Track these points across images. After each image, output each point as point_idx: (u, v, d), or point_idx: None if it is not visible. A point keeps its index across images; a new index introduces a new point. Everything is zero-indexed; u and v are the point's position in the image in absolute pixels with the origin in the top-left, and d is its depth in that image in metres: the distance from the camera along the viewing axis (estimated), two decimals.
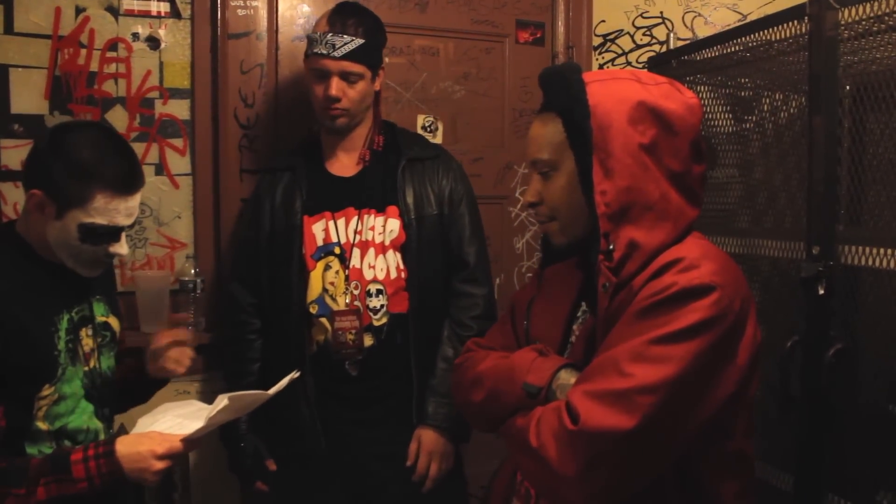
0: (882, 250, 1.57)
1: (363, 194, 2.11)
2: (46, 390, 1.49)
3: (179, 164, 2.46)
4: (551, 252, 1.40)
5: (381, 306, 2.07)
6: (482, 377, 1.34)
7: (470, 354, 1.45)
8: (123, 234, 1.58)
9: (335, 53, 2.02)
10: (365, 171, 2.15)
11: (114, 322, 1.71)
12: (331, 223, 2.11)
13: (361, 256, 2.08)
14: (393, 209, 2.10)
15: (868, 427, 1.62)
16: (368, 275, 2.07)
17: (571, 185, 1.24)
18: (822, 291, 1.64)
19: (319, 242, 2.10)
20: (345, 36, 2.02)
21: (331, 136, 2.17)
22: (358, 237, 2.08)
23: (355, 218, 2.10)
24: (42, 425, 1.50)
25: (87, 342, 1.60)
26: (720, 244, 2.03)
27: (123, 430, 1.73)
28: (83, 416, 1.57)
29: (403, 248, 2.08)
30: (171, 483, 2.19)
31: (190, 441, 1.53)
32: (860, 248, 1.62)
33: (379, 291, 2.07)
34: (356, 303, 2.05)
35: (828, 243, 1.65)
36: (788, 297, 1.80)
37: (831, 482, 1.66)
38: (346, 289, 2.06)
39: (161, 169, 2.43)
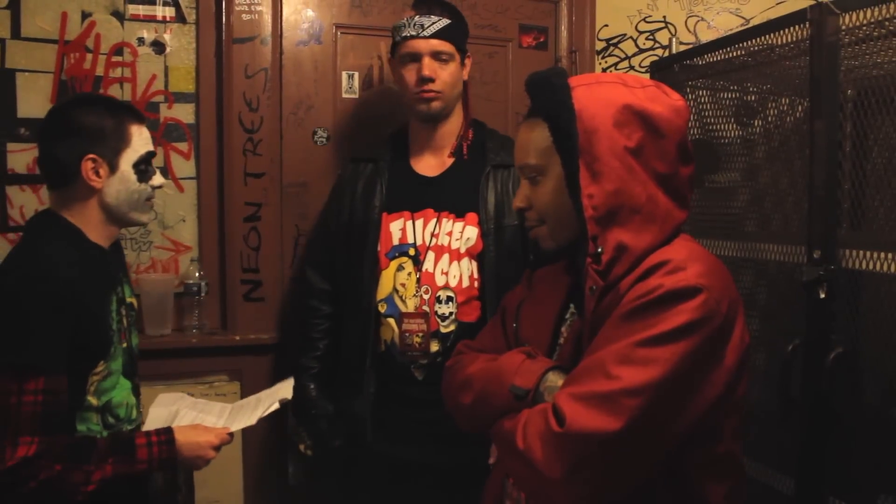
0: (883, 254, 1.57)
1: (443, 197, 2.10)
2: (100, 367, 1.59)
3: (184, 167, 2.47)
4: (541, 255, 1.41)
5: (450, 314, 2.04)
6: (471, 380, 1.34)
7: (460, 357, 1.45)
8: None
9: (425, 33, 2.05)
10: (449, 172, 2.13)
11: (135, 302, 1.83)
12: (409, 223, 2.10)
13: (435, 261, 2.06)
14: (472, 216, 2.07)
15: (869, 430, 1.62)
16: (440, 281, 2.05)
17: (559, 189, 1.25)
18: (823, 295, 1.64)
19: (395, 241, 2.09)
20: (432, 16, 2.06)
21: (420, 131, 2.16)
22: (434, 240, 2.06)
23: (433, 220, 2.08)
24: (93, 400, 1.59)
25: (124, 322, 1.71)
26: (722, 248, 2.04)
27: None
28: (123, 392, 1.67)
29: (480, 256, 2.05)
30: (175, 484, 2.19)
31: (232, 434, 1.73)
32: (862, 252, 1.62)
33: (449, 299, 2.04)
34: (424, 307, 2.04)
35: (829, 247, 1.65)
36: (790, 301, 1.81)
37: (832, 485, 1.66)
38: (417, 292, 2.05)
39: (166, 173, 2.45)
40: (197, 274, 2.44)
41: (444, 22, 2.07)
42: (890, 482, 1.56)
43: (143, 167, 1.67)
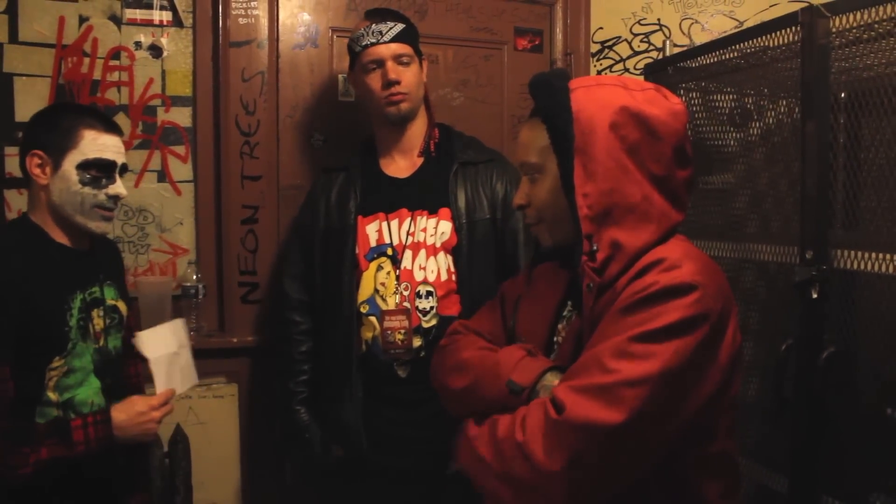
0: (875, 254, 1.58)
1: (416, 196, 2.13)
2: (56, 362, 1.63)
3: (181, 170, 2.48)
4: (541, 251, 1.42)
5: (431, 308, 2.07)
6: (465, 365, 1.35)
7: (456, 338, 1.46)
8: (118, 177, 1.73)
9: (384, 38, 2.10)
10: (419, 172, 2.18)
11: (122, 306, 1.85)
12: (384, 224, 2.13)
13: (413, 258, 2.09)
14: (445, 211, 2.11)
15: (861, 429, 1.64)
16: (419, 276, 2.08)
17: (556, 188, 1.27)
18: (815, 295, 1.66)
19: (373, 243, 2.12)
20: (388, 22, 2.11)
21: (388, 136, 2.20)
22: (410, 238, 2.10)
23: (408, 219, 2.12)
24: (52, 395, 1.63)
25: (98, 322, 1.74)
26: (715, 249, 2.05)
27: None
28: (90, 390, 1.70)
29: (455, 250, 2.09)
30: (173, 487, 2.20)
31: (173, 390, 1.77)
32: (853, 253, 1.63)
33: (429, 293, 2.07)
34: (405, 303, 2.06)
35: (821, 248, 1.67)
36: (785, 301, 1.82)
37: (825, 484, 1.68)
38: (396, 289, 2.07)
39: (163, 176, 2.46)
40: (194, 276, 2.45)
41: (400, 27, 2.13)
42: (882, 480, 1.57)
43: (94, 173, 1.68)
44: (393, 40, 2.10)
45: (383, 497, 2.11)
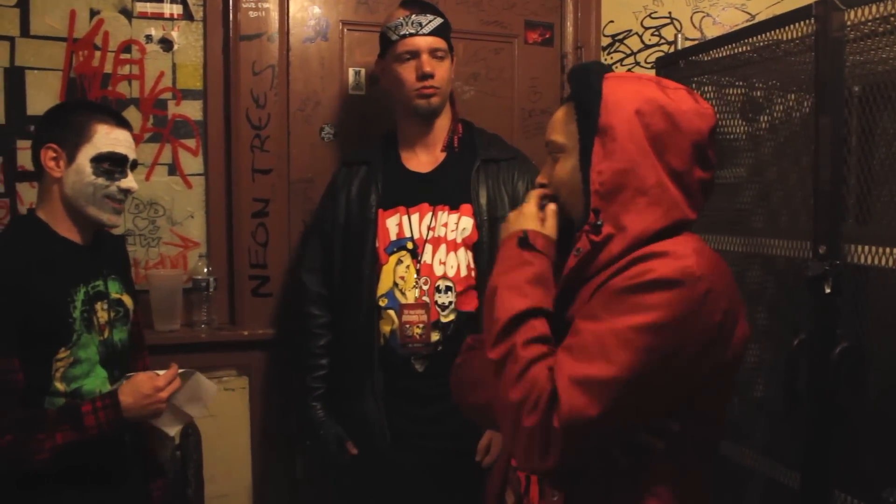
0: (888, 249, 1.57)
1: (438, 191, 2.14)
2: (62, 353, 1.67)
3: (192, 164, 2.49)
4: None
5: (450, 303, 2.07)
6: (483, 381, 1.33)
7: (470, 354, 1.46)
8: (129, 171, 1.78)
9: (423, 31, 2.10)
10: (441, 167, 2.18)
11: (127, 300, 1.87)
12: (405, 218, 2.14)
13: (433, 252, 2.09)
14: (467, 207, 2.12)
15: (874, 424, 1.63)
16: (438, 271, 2.08)
17: (576, 167, 1.29)
18: (828, 290, 1.65)
19: (393, 237, 2.13)
20: (428, 15, 2.12)
21: (413, 129, 2.20)
22: (431, 233, 2.10)
23: (429, 214, 2.12)
24: (60, 385, 1.67)
25: (103, 315, 1.77)
26: (727, 244, 2.04)
27: None
28: (97, 381, 1.74)
29: (475, 247, 2.10)
30: (184, 479, 2.21)
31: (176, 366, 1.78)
32: (867, 248, 1.63)
33: (448, 288, 2.08)
34: (424, 298, 2.07)
35: (834, 242, 1.66)
36: (797, 296, 1.81)
37: (838, 479, 1.67)
38: (416, 283, 2.08)
39: (174, 169, 2.47)
40: (205, 270, 2.45)
41: (439, 20, 2.13)
42: (895, 476, 1.57)
43: (107, 166, 1.72)
44: (431, 33, 2.11)
45: (397, 491, 2.12)
